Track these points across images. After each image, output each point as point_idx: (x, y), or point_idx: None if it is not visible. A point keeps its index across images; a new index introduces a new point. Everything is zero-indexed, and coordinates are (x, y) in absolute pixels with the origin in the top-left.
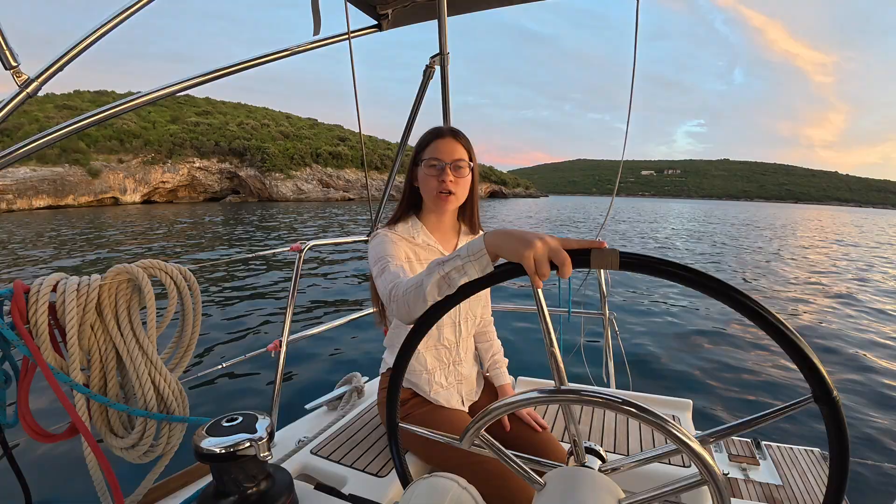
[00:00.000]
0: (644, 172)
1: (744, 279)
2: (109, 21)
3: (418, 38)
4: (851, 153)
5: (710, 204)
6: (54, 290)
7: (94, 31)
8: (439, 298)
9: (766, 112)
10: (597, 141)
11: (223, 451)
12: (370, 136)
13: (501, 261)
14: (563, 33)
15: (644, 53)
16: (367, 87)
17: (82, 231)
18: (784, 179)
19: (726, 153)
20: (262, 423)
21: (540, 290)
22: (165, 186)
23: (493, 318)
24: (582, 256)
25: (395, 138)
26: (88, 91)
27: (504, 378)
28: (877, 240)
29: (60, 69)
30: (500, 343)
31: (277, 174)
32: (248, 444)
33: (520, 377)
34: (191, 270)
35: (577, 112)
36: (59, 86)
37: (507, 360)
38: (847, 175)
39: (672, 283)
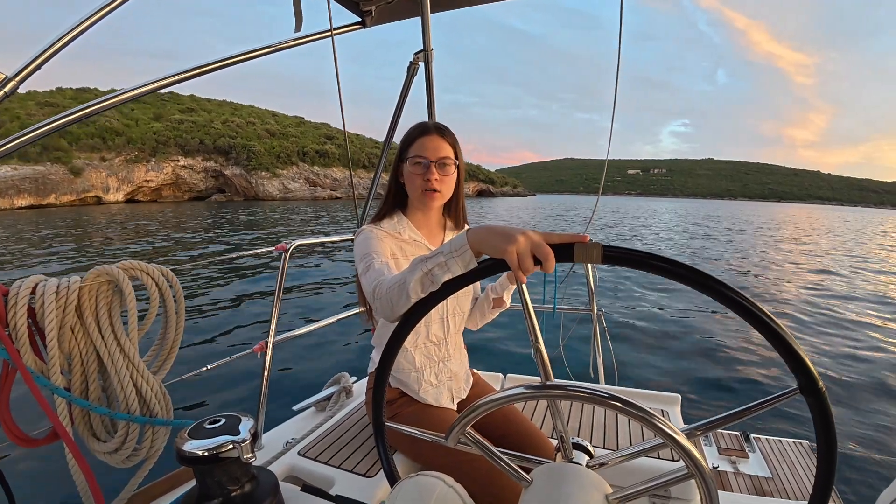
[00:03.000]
0: (630, 171)
1: (732, 272)
2: (89, 17)
3: (405, 35)
4: (833, 153)
5: (695, 203)
6: (33, 292)
7: (73, 28)
8: (423, 295)
9: (749, 112)
10: (584, 140)
11: (205, 454)
12: (357, 135)
13: (485, 257)
14: (552, 33)
15: (630, 54)
16: (354, 85)
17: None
18: (767, 179)
19: (711, 153)
20: (246, 425)
21: (524, 286)
22: (149, 185)
23: None
24: (565, 251)
25: (383, 137)
26: (70, 88)
27: (498, 290)
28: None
29: (38, 67)
30: None
31: (263, 173)
32: (230, 447)
33: (509, 374)
34: (173, 271)
35: (565, 111)
36: (40, 83)
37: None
38: (829, 174)
39: (661, 277)
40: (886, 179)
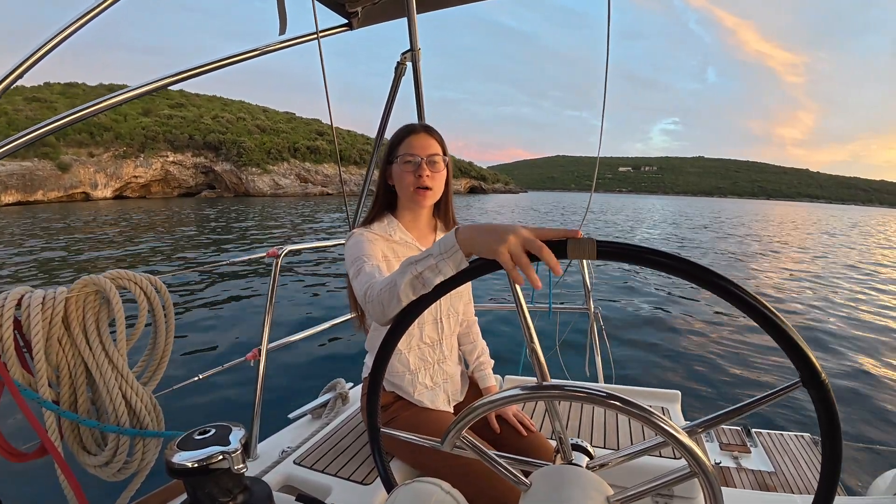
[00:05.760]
0: (621, 169)
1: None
2: (79, 19)
3: (395, 32)
4: (822, 151)
5: (687, 200)
6: (19, 304)
7: (63, 30)
8: (414, 298)
9: (738, 111)
10: (575, 138)
11: (195, 466)
12: (348, 131)
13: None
14: (542, 30)
15: (620, 52)
16: (345, 82)
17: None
18: (756, 177)
19: (701, 151)
20: (236, 435)
21: (518, 286)
22: (138, 181)
23: (476, 319)
24: (558, 247)
25: (374, 133)
26: (58, 83)
27: (489, 380)
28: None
29: (29, 69)
30: (484, 344)
31: (254, 169)
32: (221, 457)
33: (507, 376)
34: (162, 279)
35: (555, 109)
36: (27, 78)
37: (492, 361)
38: (817, 172)
39: (656, 272)
40: (874, 178)
